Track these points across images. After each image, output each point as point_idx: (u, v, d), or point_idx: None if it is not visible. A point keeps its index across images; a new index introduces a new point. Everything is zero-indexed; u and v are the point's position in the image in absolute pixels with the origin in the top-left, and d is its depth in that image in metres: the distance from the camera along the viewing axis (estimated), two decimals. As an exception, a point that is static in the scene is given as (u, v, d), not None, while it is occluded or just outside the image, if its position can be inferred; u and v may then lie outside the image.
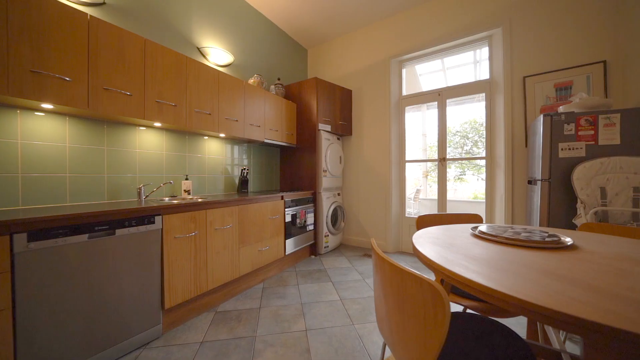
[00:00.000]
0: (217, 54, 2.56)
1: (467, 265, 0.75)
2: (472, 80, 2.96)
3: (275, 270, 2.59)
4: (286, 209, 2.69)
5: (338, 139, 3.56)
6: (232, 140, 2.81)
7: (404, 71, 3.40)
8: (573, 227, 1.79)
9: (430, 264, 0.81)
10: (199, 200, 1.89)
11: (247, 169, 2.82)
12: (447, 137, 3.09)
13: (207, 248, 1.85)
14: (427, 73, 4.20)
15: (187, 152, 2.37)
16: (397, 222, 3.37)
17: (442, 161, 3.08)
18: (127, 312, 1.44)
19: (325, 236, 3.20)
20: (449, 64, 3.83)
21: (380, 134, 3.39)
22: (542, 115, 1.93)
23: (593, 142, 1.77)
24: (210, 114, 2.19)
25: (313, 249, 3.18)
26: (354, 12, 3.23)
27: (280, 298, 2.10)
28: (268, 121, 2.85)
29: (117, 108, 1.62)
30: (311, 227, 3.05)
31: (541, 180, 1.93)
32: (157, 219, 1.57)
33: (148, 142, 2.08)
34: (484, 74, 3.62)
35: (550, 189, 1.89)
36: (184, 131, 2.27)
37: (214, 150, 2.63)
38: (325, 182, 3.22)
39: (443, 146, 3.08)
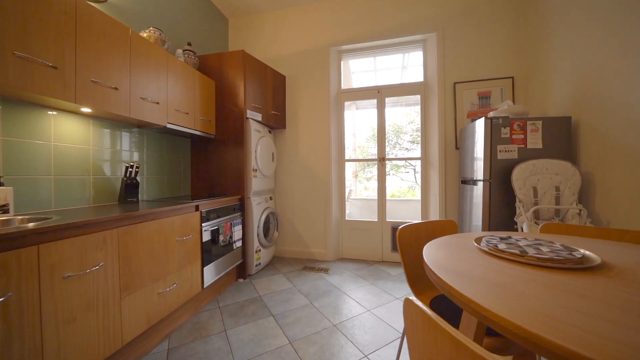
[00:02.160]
0: (76, -25, 1.54)
1: (560, 324, 0.42)
2: (404, 82, 2.98)
3: (189, 313, 1.80)
4: (204, 224, 1.92)
5: (270, 131, 2.97)
6: (111, 121, 1.81)
7: (342, 63, 3.15)
8: (513, 224, 1.90)
9: (530, 338, 0.43)
10: (29, 225, 0.97)
11: (136, 167, 1.87)
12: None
13: (42, 319, 0.96)
14: (360, 72, 4.15)
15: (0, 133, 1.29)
16: (337, 227, 3.09)
17: (381, 161, 2.99)
18: None
19: (256, 252, 2.57)
20: (380, 66, 3.87)
21: (318, 129, 3.02)
22: (483, 117, 1.98)
23: (523, 146, 1.91)
24: (57, 69, 1.23)
25: (241, 271, 2.49)
26: (289, -18, 2.73)
27: (200, 363, 1.38)
28: (173, 98, 1.99)
29: None
30: (239, 244, 2.36)
31: (483, 180, 1.99)
32: None
33: None
34: (409, 78, 3.81)
35: (490, 189, 1.96)
36: (-9, 94, 1.21)
37: (72, 134, 1.59)
38: (255, 184, 2.58)
39: (382, 145, 2.99)
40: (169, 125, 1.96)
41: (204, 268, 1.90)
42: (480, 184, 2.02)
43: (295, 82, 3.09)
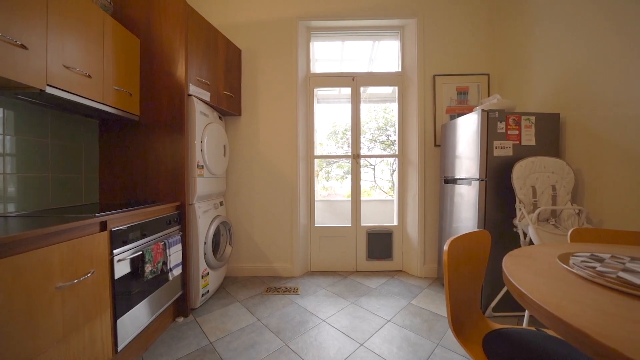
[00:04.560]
0: None
1: None
2: (384, 71, 2.70)
3: (86, 401, 1.08)
4: (117, 250, 1.21)
5: (220, 118, 2.31)
6: None
7: (311, 44, 2.69)
8: (508, 226, 1.74)
9: None
10: None
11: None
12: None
13: None
14: (323, 60, 3.76)
15: None
16: (305, 235, 2.61)
17: (356, 158, 2.63)
18: None
19: (202, 277, 1.90)
20: (347, 56, 3.55)
21: (283, 117, 2.49)
22: (478, 110, 1.79)
23: (518, 142, 1.78)
24: None
25: (181, 306, 1.79)
26: None
27: None
28: (60, 48, 1.22)
29: None
30: (178, 271, 1.66)
31: (479, 179, 1.79)
32: None
33: None
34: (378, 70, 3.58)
35: (487, 189, 1.78)
36: None
37: None
38: (201, 185, 1.91)
39: (357, 141, 2.64)
40: (50, 90, 1.18)
41: (118, 321, 1.19)
42: (476, 183, 1.82)
43: (254, 58, 2.50)
